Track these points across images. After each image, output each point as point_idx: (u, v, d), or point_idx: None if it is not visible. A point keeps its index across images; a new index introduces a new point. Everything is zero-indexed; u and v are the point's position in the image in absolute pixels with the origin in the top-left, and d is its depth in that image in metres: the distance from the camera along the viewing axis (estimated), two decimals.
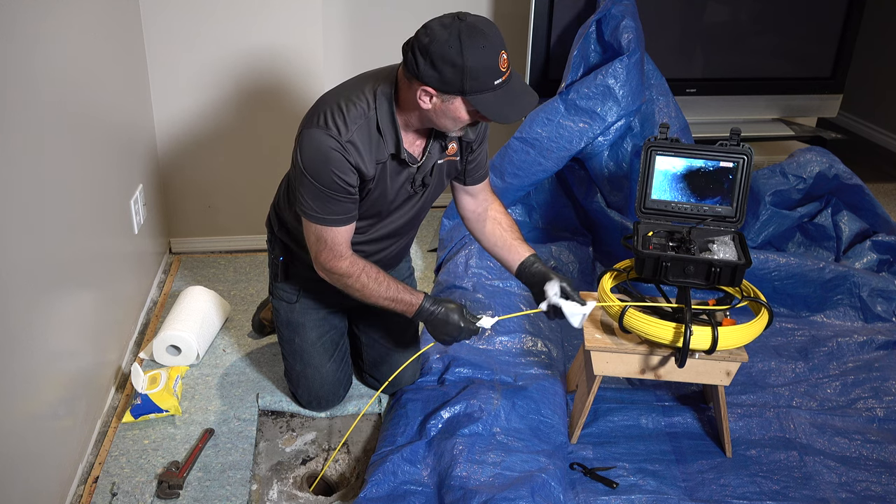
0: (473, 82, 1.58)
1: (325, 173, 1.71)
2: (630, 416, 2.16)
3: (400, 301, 1.86)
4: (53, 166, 1.81)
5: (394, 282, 1.87)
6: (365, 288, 1.84)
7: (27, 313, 1.65)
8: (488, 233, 2.02)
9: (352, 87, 1.76)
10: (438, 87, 1.61)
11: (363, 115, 1.71)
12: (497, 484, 1.82)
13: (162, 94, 2.70)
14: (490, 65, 1.58)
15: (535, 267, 1.93)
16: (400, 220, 1.94)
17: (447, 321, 1.86)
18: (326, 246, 1.81)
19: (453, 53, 1.56)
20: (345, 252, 1.82)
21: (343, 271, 1.83)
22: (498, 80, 1.60)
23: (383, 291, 1.85)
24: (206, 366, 2.32)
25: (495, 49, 1.58)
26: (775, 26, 3.22)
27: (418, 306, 1.86)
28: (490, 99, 1.61)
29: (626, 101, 2.64)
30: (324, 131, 1.69)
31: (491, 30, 1.59)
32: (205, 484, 1.89)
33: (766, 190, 2.74)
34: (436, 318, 1.86)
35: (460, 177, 1.97)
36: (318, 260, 1.84)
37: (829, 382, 2.31)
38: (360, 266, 1.84)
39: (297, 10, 2.65)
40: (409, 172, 1.83)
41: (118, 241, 2.33)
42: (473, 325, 1.87)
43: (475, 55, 1.56)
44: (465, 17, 1.59)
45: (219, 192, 2.91)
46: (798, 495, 1.90)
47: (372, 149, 1.73)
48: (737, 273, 1.90)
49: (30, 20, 1.68)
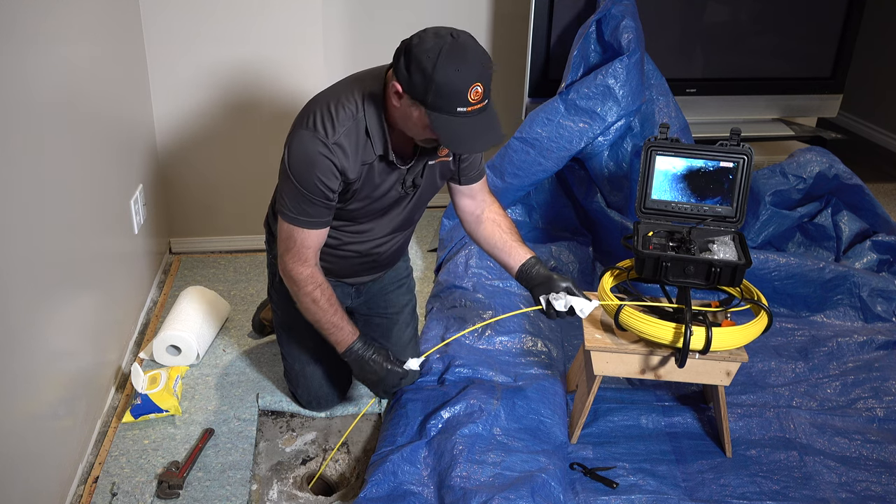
0: (436, 98, 1.57)
1: (309, 176, 1.72)
2: (630, 416, 2.16)
3: (341, 329, 1.89)
4: (53, 166, 1.81)
5: (342, 310, 1.89)
6: (315, 303, 1.85)
7: (27, 313, 1.65)
8: (487, 234, 2.02)
9: (341, 89, 1.76)
10: (406, 87, 1.61)
11: (352, 117, 1.72)
12: (497, 484, 1.82)
13: (162, 93, 2.70)
14: (457, 90, 1.56)
15: (537, 269, 1.93)
16: (393, 220, 1.95)
17: (373, 362, 1.90)
18: (294, 246, 1.82)
19: (427, 63, 1.55)
20: (309, 259, 1.83)
21: (302, 278, 1.84)
22: (461, 108, 1.58)
23: (330, 314, 1.87)
24: (206, 366, 2.32)
25: (469, 77, 1.56)
26: (775, 26, 3.22)
27: (350, 342, 1.89)
28: (447, 122, 1.59)
29: (626, 101, 2.64)
30: (312, 133, 1.70)
31: (476, 59, 1.57)
32: (205, 484, 1.89)
33: (766, 190, 2.74)
34: (362, 359, 1.90)
35: (455, 177, 1.98)
36: (283, 259, 1.86)
37: (829, 382, 2.31)
38: (318, 280, 1.85)
39: (297, 11, 2.65)
40: (399, 173, 1.83)
41: (118, 241, 2.33)
42: (399, 367, 1.91)
43: (445, 73, 1.55)
44: (459, 37, 1.58)
45: (219, 192, 2.91)
46: (798, 495, 1.90)
47: (359, 150, 1.74)
48: (737, 273, 1.90)
49: (30, 20, 1.68)
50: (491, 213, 2.03)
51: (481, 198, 2.02)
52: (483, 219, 2.02)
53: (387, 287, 2.18)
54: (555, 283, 1.88)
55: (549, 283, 1.89)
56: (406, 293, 2.22)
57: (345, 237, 1.94)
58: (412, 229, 2.09)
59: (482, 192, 2.02)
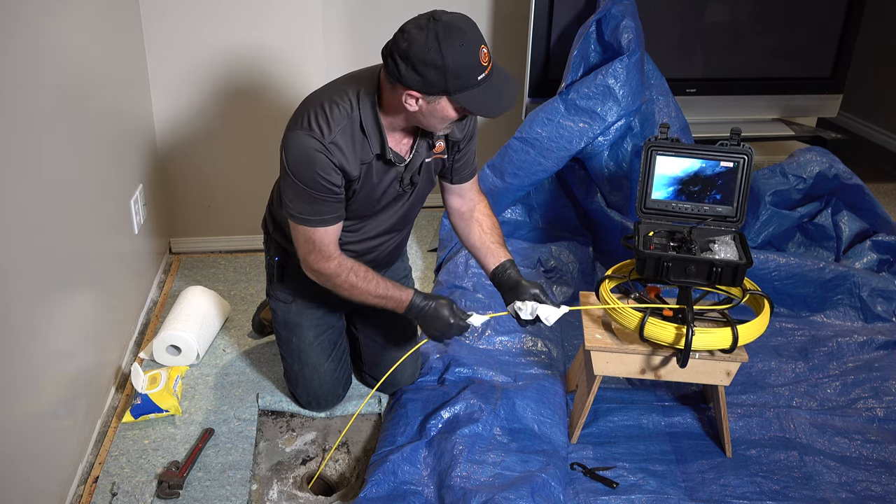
0: (457, 81, 1.58)
1: (310, 175, 1.72)
2: (630, 416, 2.16)
3: (390, 298, 1.87)
4: (53, 166, 1.81)
5: (382, 279, 1.88)
6: (354, 287, 1.85)
7: (27, 313, 1.65)
8: (468, 233, 2.02)
9: (334, 88, 1.76)
10: (423, 89, 1.60)
11: (346, 116, 1.71)
12: (497, 484, 1.82)
13: (162, 93, 2.70)
14: (471, 61, 1.58)
15: (508, 273, 1.93)
16: (390, 218, 1.95)
17: (437, 316, 1.86)
18: (315, 247, 1.82)
19: (434, 55, 1.55)
20: (333, 252, 1.83)
21: (331, 271, 1.83)
22: (481, 75, 1.60)
23: (373, 289, 1.86)
24: (206, 366, 2.32)
25: (474, 45, 1.58)
26: (775, 26, 3.22)
27: (408, 302, 1.87)
28: (475, 95, 1.61)
29: (626, 101, 2.64)
30: (307, 133, 1.70)
31: (468, 25, 1.59)
32: (205, 484, 1.89)
33: (766, 190, 2.74)
34: (426, 314, 1.87)
35: (447, 174, 1.97)
36: (307, 261, 1.85)
37: (829, 382, 2.31)
38: (348, 266, 1.84)
39: (297, 10, 2.65)
40: (396, 171, 1.83)
41: (118, 241, 2.33)
42: (463, 321, 1.88)
43: (455, 54, 1.56)
44: (440, 17, 1.58)
45: (219, 192, 2.91)
46: (798, 495, 1.90)
47: (356, 149, 1.74)
48: (738, 273, 1.90)
49: (30, 20, 1.68)
50: (477, 213, 2.03)
51: (470, 196, 2.02)
52: (470, 217, 2.03)
53: None
54: (522, 289, 1.88)
55: (517, 289, 1.89)
56: None
57: (341, 236, 1.94)
58: (409, 229, 2.09)
59: (472, 191, 2.02)
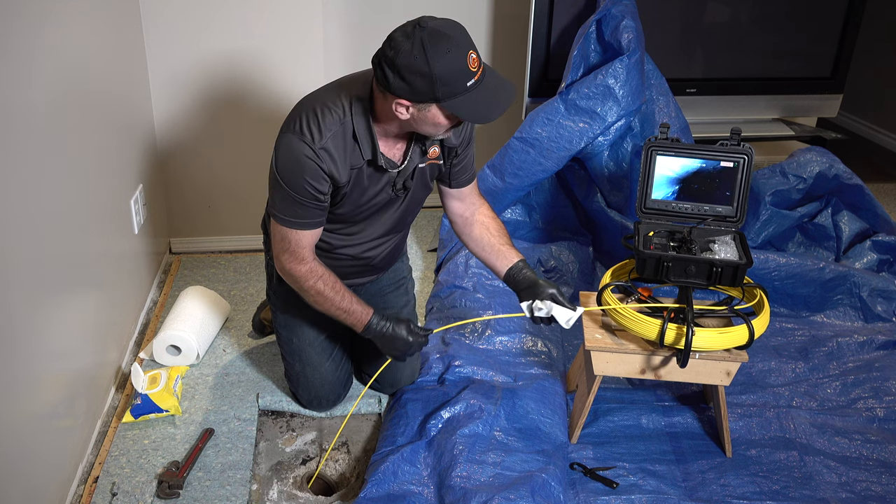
0: (445, 88, 1.56)
1: (298, 179, 1.72)
2: (630, 416, 2.16)
3: (352, 313, 1.89)
4: (53, 166, 1.81)
5: (350, 294, 1.89)
6: (320, 294, 1.86)
7: (27, 313, 1.65)
8: (476, 237, 2.02)
9: (329, 93, 1.76)
10: (411, 98, 1.60)
11: (339, 121, 1.71)
12: (497, 484, 1.82)
13: (162, 93, 2.70)
14: (459, 68, 1.56)
15: (524, 273, 1.94)
16: (385, 223, 1.95)
17: (396, 336, 1.90)
18: (290, 247, 1.82)
19: (419, 63, 1.54)
20: (306, 256, 1.84)
21: (301, 274, 1.84)
22: (470, 81, 1.58)
23: (338, 301, 1.87)
24: (206, 366, 2.32)
25: (462, 50, 1.56)
26: (775, 26, 3.22)
27: (366, 322, 1.89)
28: (465, 101, 1.59)
29: (626, 101, 2.64)
30: (298, 137, 1.70)
31: (455, 31, 1.57)
32: (205, 484, 1.89)
33: (766, 190, 2.74)
34: (384, 335, 1.91)
35: (445, 179, 1.97)
36: (279, 259, 1.86)
37: (829, 382, 2.31)
38: (318, 272, 1.85)
39: (297, 11, 2.65)
40: (389, 177, 1.83)
41: (118, 241, 2.33)
42: (423, 336, 1.91)
43: (442, 61, 1.54)
44: (427, 24, 1.56)
45: (219, 192, 2.91)
46: (798, 495, 1.90)
47: (346, 155, 1.74)
48: (738, 273, 1.90)
49: (29, 20, 1.68)
50: (480, 216, 2.02)
51: (471, 200, 2.02)
52: (472, 221, 2.02)
53: (384, 289, 2.18)
54: (540, 289, 1.88)
55: (534, 289, 1.89)
56: (403, 294, 2.22)
57: (336, 241, 1.94)
58: (405, 232, 2.09)
59: (472, 195, 2.02)
